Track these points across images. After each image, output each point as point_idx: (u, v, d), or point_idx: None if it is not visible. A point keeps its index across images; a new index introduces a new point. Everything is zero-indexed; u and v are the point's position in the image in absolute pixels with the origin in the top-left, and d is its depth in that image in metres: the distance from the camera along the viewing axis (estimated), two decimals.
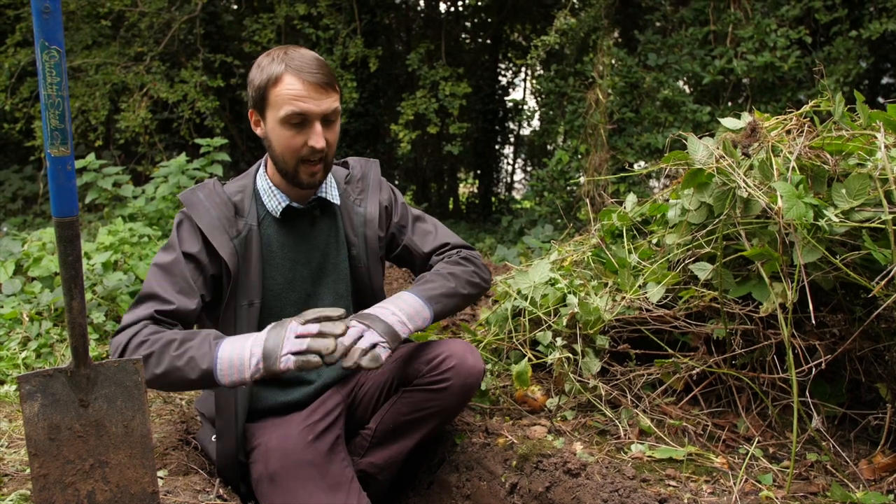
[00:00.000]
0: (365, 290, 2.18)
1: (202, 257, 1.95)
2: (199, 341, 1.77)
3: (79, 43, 9.10)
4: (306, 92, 1.87)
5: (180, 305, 1.87)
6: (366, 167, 2.27)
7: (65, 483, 1.63)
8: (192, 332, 1.81)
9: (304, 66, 1.88)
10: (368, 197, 2.20)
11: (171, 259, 1.93)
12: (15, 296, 3.53)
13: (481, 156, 12.59)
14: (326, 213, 2.14)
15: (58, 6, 1.37)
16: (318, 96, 1.88)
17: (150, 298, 1.88)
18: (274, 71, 1.89)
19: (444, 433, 2.36)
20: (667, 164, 2.44)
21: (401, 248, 2.27)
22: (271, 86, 1.89)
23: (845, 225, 1.93)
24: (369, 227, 2.17)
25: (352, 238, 2.15)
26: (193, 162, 5.08)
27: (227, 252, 1.95)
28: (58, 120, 1.42)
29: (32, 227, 8.48)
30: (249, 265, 2.01)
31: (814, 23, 7.02)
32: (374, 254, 2.17)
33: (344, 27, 8.93)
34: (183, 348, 1.75)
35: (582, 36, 7.96)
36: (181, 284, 1.90)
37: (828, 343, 2.17)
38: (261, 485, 1.94)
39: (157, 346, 1.77)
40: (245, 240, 2.00)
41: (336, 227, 2.15)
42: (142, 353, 1.76)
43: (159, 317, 1.85)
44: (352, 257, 2.16)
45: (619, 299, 2.45)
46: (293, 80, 1.87)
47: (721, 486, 1.93)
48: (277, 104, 1.89)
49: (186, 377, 1.74)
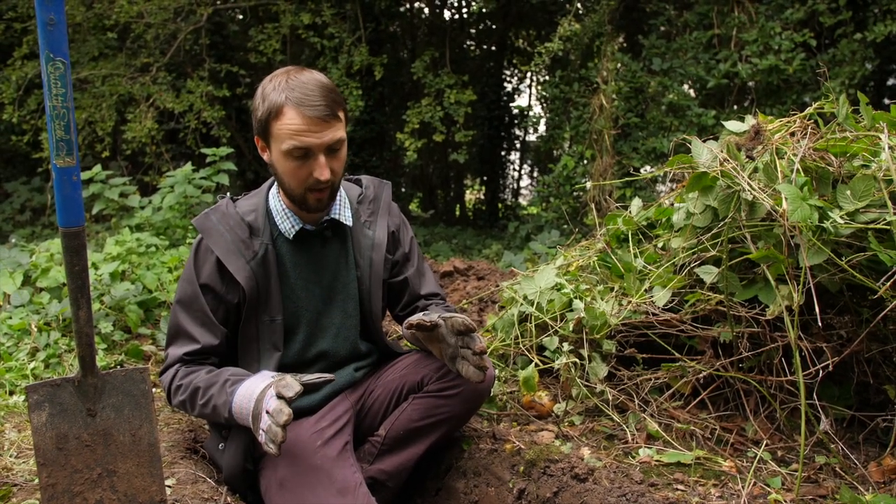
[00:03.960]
0: (365, 312, 2.19)
1: (219, 287, 2.01)
2: (218, 389, 1.90)
3: (85, 55, 9.15)
4: (307, 126, 1.84)
5: (205, 343, 2.01)
6: (379, 189, 2.25)
7: (73, 492, 1.63)
8: (215, 376, 1.94)
9: (304, 98, 1.84)
10: (378, 220, 2.20)
11: (191, 293, 2.02)
12: (23, 306, 3.54)
13: (487, 162, 12.59)
14: (338, 233, 2.15)
15: (62, 18, 1.38)
16: (320, 129, 1.86)
17: (178, 336, 2.04)
18: (275, 103, 1.86)
19: (452, 439, 2.36)
20: (671, 168, 2.44)
21: (400, 280, 2.27)
22: (273, 119, 1.87)
23: (850, 226, 1.92)
24: (376, 251, 2.17)
25: (358, 260, 2.16)
26: (200, 171, 5.10)
27: (244, 276, 1.98)
28: (63, 131, 1.43)
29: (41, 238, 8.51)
30: (269, 283, 2.03)
31: (818, 25, 7.00)
32: (377, 277, 2.17)
33: (349, 36, 8.96)
34: (206, 397, 1.92)
35: (586, 41, 7.96)
36: (202, 319, 2.02)
37: (835, 345, 2.16)
38: (269, 491, 1.95)
39: (187, 393, 1.96)
40: (263, 259, 2.02)
41: (346, 247, 2.16)
42: (178, 400, 1.99)
43: (189, 358, 2.01)
44: (357, 278, 2.17)
45: (626, 304, 2.45)
46: (294, 114, 1.84)
47: (729, 489, 1.93)
48: (280, 138, 1.88)
49: (218, 421, 1.97)
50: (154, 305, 3.70)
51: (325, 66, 8.79)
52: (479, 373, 1.91)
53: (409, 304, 2.30)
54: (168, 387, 2.01)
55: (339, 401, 2.19)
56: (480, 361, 1.90)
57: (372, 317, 2.19)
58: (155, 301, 3.69)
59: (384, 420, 2.17)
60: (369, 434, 2.18)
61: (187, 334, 2.02)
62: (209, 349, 2.02)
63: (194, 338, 2.01)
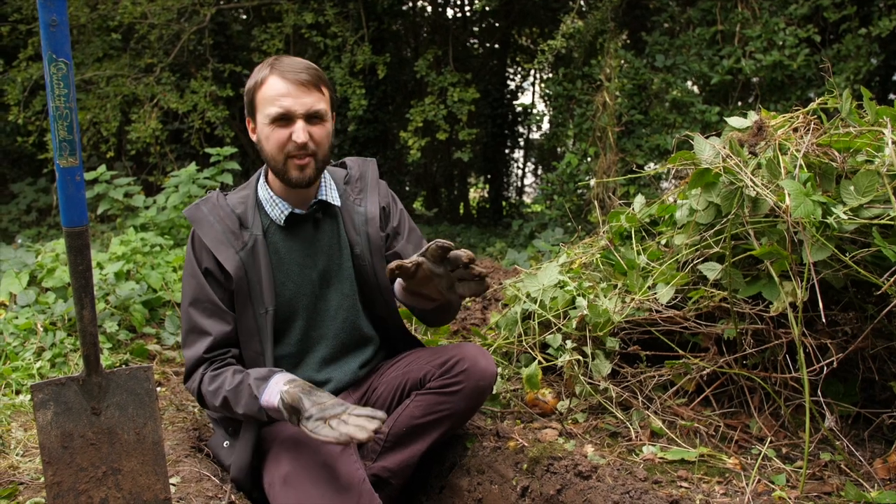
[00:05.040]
0: (371, 288, 2.19)
1: (217, 272, 2.04)
2: (246, 400, 1.91)
3: (90, 55, 9.18)
4: (286, 90, 1.94)
5: (217, 333, 2.03)
6: (363, 167, 2.29)
7: (78, 490, 1.64)
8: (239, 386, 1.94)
9: (288, 67, 1.96)
10: (367, 196, 2.23)
11: (195, 285, 2.05)
12: (29, 306, 3.56)
13: (491, 160, 12.58)
14: (328, 215, 2.17)
15: (65, 19, 1.39)
16: (299, 94, 1.94)
17: (192, 334, 2.06)
18: (260, 75, 1.98)
19: (455, 437, 2.36)
20: (673, 165, 2.44)
21: (391, 253, 2.26)
22: (257, 89, 1.98)
23: (854, 222, 1.92)
24: (371, 225, 2.18)
25: (354, 237, 2.17)
26: (204, 171, 5.11)
27: (233, 265, 2.02)
28: (66, 131, 1.43)
29: (46, 238, 8.54)
30: (260, 274, 2.05)
31: (822, 21, 6.97)
32: (377, 251, 2.18)
33: (352, 35, 8.96)
34: (238, 408, 1.93)
35: (589, 39, 7.94)
36: (212, 308, 2.04)
37: (840, 342, 2.15)
38: (273, 487, 1.95)
39: (218, 400, 1.97)
40: (252, 250, 2.05)
41: (338, 228, 2.18)
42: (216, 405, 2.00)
43: (208, 355, 2.03)
44: (355, 256, 2.17)
45: (629, 301, 2.44)
46: (276, 80, 1.95)
47: (733, 486, 1.92)
48: (263, 105, 1.97)
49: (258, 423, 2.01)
50: (159, 305, 3.71)
51: (328, 66, 8.80)
52: (480, 283, 1.83)
53: None
54: (198, 395, 2.05)
55: (343, 398, 2.19)
56: (475, 270, 1.82)
57: (381, 291, 2.19)
58: (159, 300, 3.70)
59: (387, 417, 2.17)
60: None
61: (199, 329, 2.04)
62: (224, 339, 2.04)
63: (206, 331, 2.03)
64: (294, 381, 1.84)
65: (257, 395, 1.88)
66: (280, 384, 1.84)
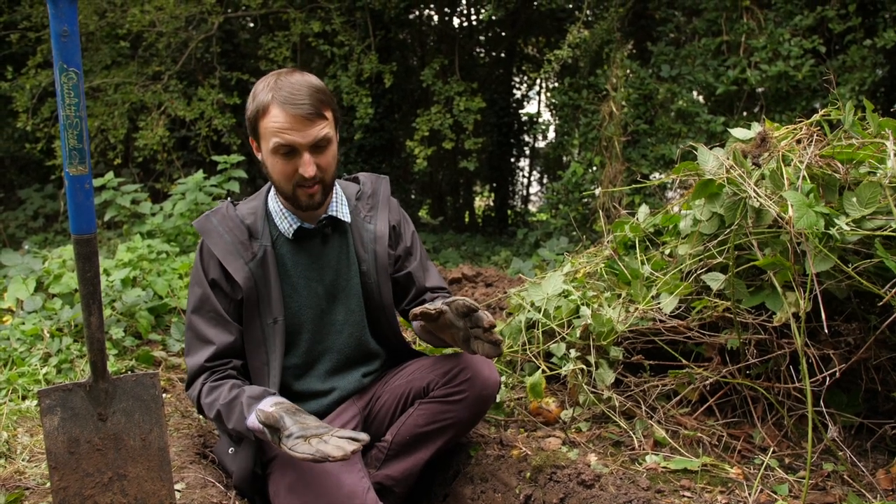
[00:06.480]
0: (376, 305, 2.20)
1: (225, 285, 2.05)
2: (237, 417, 1.92)
3: (98, 63, 9.24)
4: (290, 124, 1.89)
5: (220, 343, 2.04)
6: (376, 184, 2.29)
7: (84, 496, 1.65)
8: (233, 402, 1.94)
9: (290, 97, 1.89)
10: (378, 214, 2.23)
11: (201, 294, 2.06)
12: (36, 312, 3.58)
13: (497, 169, 12.59)
14: (337, 230, 2.17)
15: (75, 30, 1.41)
16: (303, 127, 1.90)
17: (195, 343, 2.07)
18: (262, 102, 1.93)
19: (459, 445, 2.37)
20: (677, 175, 2.45)
21: (404, 274, 2.28)
22: (260, 117, 1.94)
23: (857, 233, 1.92)
24: (379, 243, 2.19)
25: (362, 254, 2.17)
26: (211, 179, 5.14)
27: (242, 277, 2.02)
28: (76, 139, 1.45)
29: (53, 244, 8.58)
30: (269, 284, 2.06)
31: (827, 32, 6.97)
32: (383, 270, 2.19)
33: (359, 43, 8.99)
34: (230, 424, 1.94)
35: (595, 49, 7.97)
36: (216, 318, 2.05)
37: (843, 352, 2.16)
38: (278, 495, 1.96)
39: (212, 413, 1.99)
40: (261, 261, 2.06)
41: (347, 244, 2.18)
42: (210, 417, 2.03)
43: (210, 364, 2.04)
44: (362, 273, 2.18)
45: (633, 310, 2.45)
46: (278, 111, 1.89)
47: (736, 496, 1.93)
48: (266, 135, 1.94)
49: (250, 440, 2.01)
50: (165, 311, 3.73)
51: (334, 74, 8.83)
52: (495, 347, 1.91)
53: (416, 298, 2.31)
54: (197, 404, 2.06)
55: (347, 406, 2.20)
56: (491, 336, 1.90)
57: (384, 310, 2.21)
58: (165, 307, 3.72)
59: (391, 425, 2.18)
60: (376, 439, 2.19)
61: (202, 338, 2.04)
62: (226, 349, 2.04)
63: (209, 340, 2.03)
64: (281, 404, 1.83)
65: (246, 416, 1.89)
66: (267, 406, 1.83)
